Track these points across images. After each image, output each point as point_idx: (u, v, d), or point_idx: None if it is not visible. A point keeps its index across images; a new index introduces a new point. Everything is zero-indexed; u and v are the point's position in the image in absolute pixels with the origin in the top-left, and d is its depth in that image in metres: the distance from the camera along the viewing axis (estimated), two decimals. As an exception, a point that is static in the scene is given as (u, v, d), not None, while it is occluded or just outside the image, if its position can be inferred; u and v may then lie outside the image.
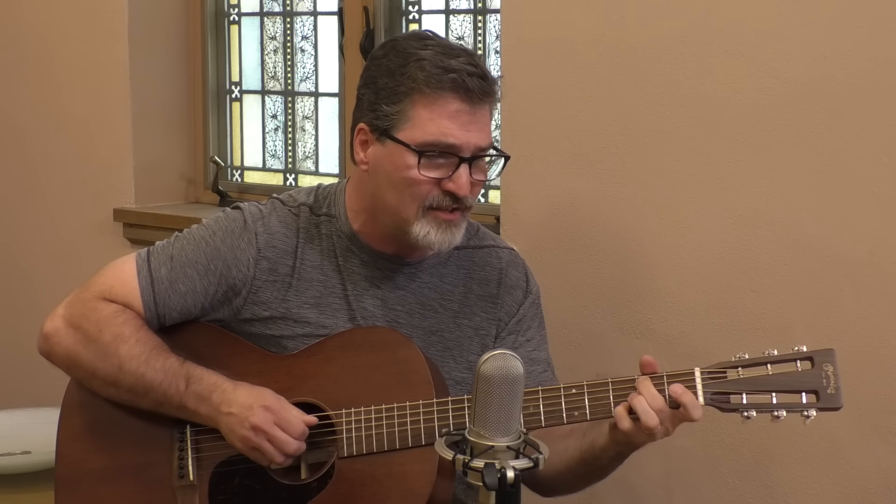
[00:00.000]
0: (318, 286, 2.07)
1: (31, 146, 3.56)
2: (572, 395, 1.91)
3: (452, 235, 2.00)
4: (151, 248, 2.10)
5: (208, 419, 1.98)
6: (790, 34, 2.27)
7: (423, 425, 1.92)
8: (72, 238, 3.48)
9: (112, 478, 2.04)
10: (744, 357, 1.88)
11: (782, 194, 2.30)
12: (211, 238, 2.07)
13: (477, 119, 1.96)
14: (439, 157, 1.95)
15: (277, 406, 1.95)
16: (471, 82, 1.93)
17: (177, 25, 3.42)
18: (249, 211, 2.09)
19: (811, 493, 2.33)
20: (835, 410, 1.86)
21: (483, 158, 1.99)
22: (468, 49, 2.03)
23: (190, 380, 1.98)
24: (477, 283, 2.13)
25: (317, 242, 2.09)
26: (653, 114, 2.43)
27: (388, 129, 1.96)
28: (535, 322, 2.15)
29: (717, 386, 1.87)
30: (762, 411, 1.85)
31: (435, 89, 1.93)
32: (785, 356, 1.87)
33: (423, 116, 1.94)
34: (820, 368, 1.85)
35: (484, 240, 2.16)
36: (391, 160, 1.97)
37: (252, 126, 3.45)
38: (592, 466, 2.01)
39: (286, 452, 1.94)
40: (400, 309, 2.08)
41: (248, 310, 2.07)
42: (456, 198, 1.96)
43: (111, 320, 2.02)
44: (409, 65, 1.95)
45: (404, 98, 1.95)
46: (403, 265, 2.09)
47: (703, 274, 2.40)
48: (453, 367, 2.09)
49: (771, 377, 1.86)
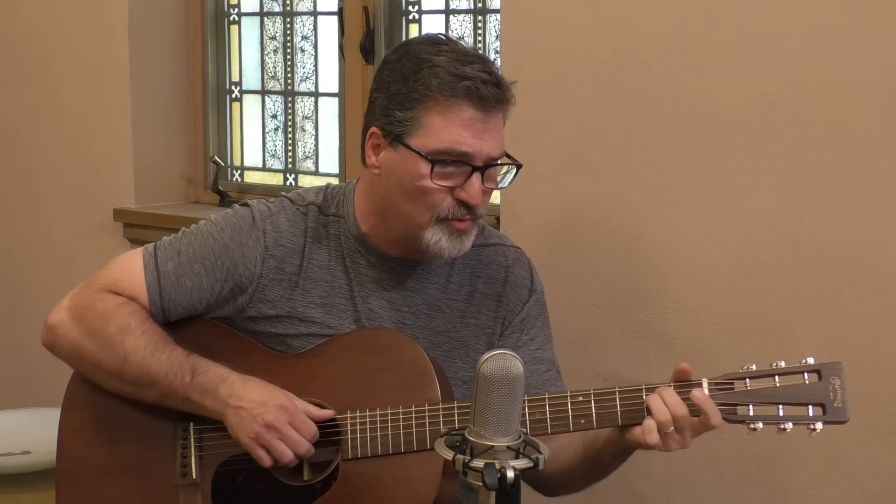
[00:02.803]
0: (325, 286, 2.07)
1: (30, 146, 3.56)
2: (579, 402, 1.90)
3: (462, 243, 2.00)
4: (158, 242, 2.09)
5: (214, 412, 1.97)
6: (790, 34, 2.27)
7: (428, 429, 1.92)
8: (72, 238, 3.48)
9: (114, 474, 2.04)
10: (751, 368, 1.88)
11: (782, 194, 2.30)
12: (219, 234, 2.07)
13: (490, 127, 1.95)
14: (451, 165, 1.94)
15: (292, 406, 1.94)
16: (485, 90, 1.92)
17: (177, 25, 3.42)
18: (258, 208, 2.09)
19: (811, 493, 2.33)
20: (841, 424, 1.86)
21: (495, 167, 1.99)
22: (482, 55, 2.02)
23: (196, 371, 1.98)
24: (483, 281, 2.13)
25: (324, 242, 2.09)
26: (653, 114, 2.43)
27: (400, 136, 1.96)
28: (539, 321, 2.15)
29: (725, 397, 1.86)
30: (769, 423, 1.85)
31: (449, 97, 1.92)
32: (792, 368, 1.86)
33: (436, 124, 1.93)
34: (827, 381, 1.85)
35: (490, 238, 2.16)
36: (404, 167, 1.96)
37: (252, 126, 3.45)
38: (595, 463, 2.01)
39: (298, 453, 1.94)
40: (406, 310, 2.08)
41: (253, 307, 2.06)
42: (468, 206, 1.96)
43: (117, 312, 2.02)
44: (422, 71, 1.94)
45: (418, 105, 1.94)
46: (411, 267, 2.09)
47: (703, 274, 2.40)
48: (461, 366, 2.08)
49: (778, 389, 1.85)
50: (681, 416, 1.84)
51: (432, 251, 1.99)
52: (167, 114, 3.41)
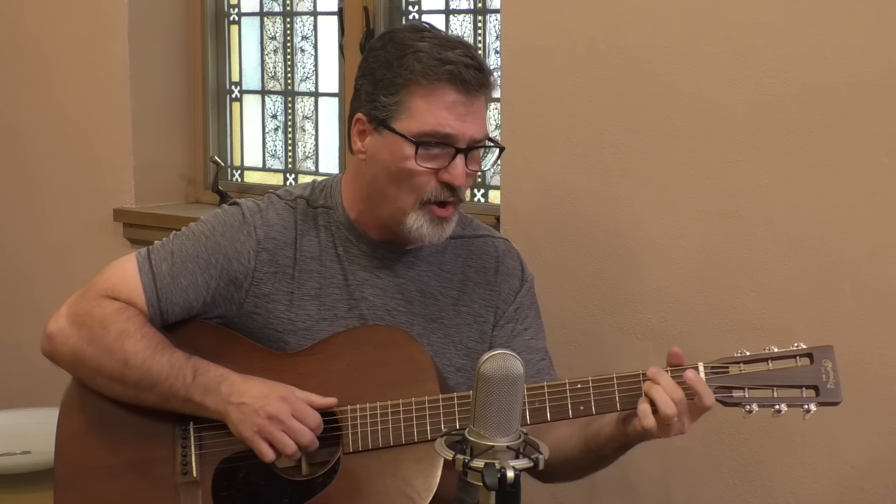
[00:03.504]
0: (318, 277, 2.08)
1: (30, 146, 3.56)
2: (577, 389, 1.92)
3: (443, 230, 2.03)
4: (151, 246, 2.11)
5: (216, 411, 1.98)
6: (790, 34, 2.27)
7: (428, 421, 1.93)
8: (72, 238, 3.48)
9: (114, 475, 2.04)
10: (745, 353, 1.91)
11: (782, 194, 2.30)
12: (210, 233, 2.09)
13: (473, 110, 1.99)
14: (435, 147, 1.97)
15: (293, 397, 1.96)
16: (467, 73, 1.96)
17: (177, 25, 3.42)
18: (247, 206, 2.11)
19: (811, 492, 2.33)
20: (834, 405, 1.89)
21: (478, 149, 2.02)
22: (464, 41, 2.06)
23: (197, 372, 1.98)
24: (475, 270, 2.15)
25: (314, 234, 2.10)
26: (653, 114, 2.43)
27: (385, 120, 1.99)
28: (531, 311, 2.17)
29: (721, 380, 1.89)
30: (763, 405, 1.88)
31: (432, 80, 1.96)
32: (785, 352, 1.90)
33: (420, 107, 1.97)
34: (819, 364, 1.88)
35: (479, 230, 2.19)
36: (388, 150, 2.00)
37: (252, 126, 3.45)
38: (596, 456, 2.02)
39: (301, 443, 1.94)
40: (400, 297, 2.10)
41: (250, 302, 2.07)
42: (451, 189, 1.99)
43: (115, 317, 2.03)
44: (406, 56, 1.98)
45: (402, 89, 1.98)
46: (402, 254, 2.10)
47: (703, 274, 2.40)
48: (453, 353, 2.10)
49: (771, 372, 1.89)
50: (678, 400, 1.86)
51: (413, 237, 2.03)
52: (167, 114, 3.41)
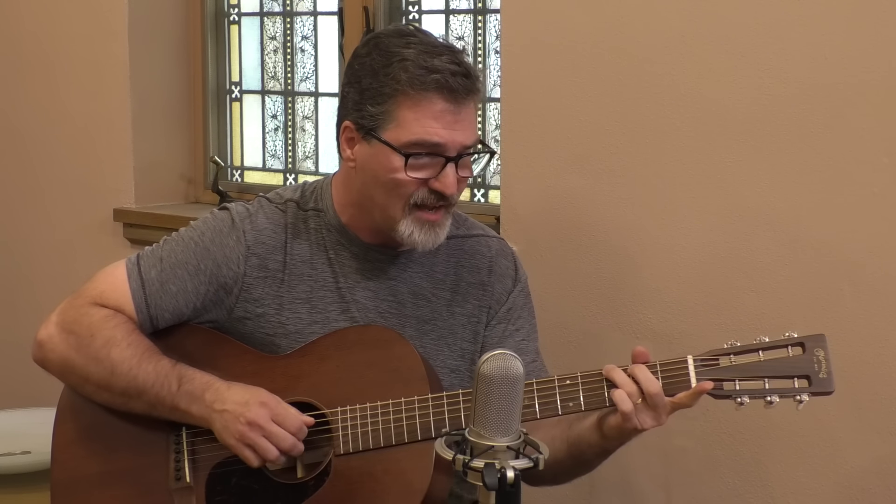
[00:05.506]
0: (309, 280, 2.08)
1: (31, 146, 3.56)
2: (566, 385, 1.92)
3: (436, 235, 2.01)
4: (141, 252, 2.11)
5: (201, 419, 1.98)
6: (790, 34, 2.27)
7: (418, 421, 1.93)
8: (72, 238, 3.48)
9: (108, 482, 2.04)
10: (735, 344, 1.89)
11: (782, 194, 2.30)
12: (199, 238, 2.08)
13: (462, 118, 1.97)
14: (425, 157, 1.96)
15: (274, 402, 1.95)
16: (454, 82, 1.94)
17: (177, 25, 3.42)
18: (236, 210, 2.11)
19: (811, 493, 2.33)
20: (827, 394, 1.86)
21: (469, 156, 2.01)
22: (451, 45, 2.03)
23: (182, 380, 1.99)
24: (467, 270, 2.14)
25: (305, 237, 2.10)
26: (653, 114, 2.43)
27: (373, 130, 1.98)
28: (524, 311, 2.16)
29: (710, 373, 1.87)
30: (755, 397, 1.86)
31: (419, 90, 1.94)
32: (776, 342, 1.88)
33: (407, 117, 1.95)
34: (811, 353, 1.86)
35: (472, 229, 2.18)
36: (377, 160, 1.98)
37: (252, 126, 3.45)
38: (578, 460, 2.02)
39: (282, 448, 1.94)
40: (392, 299, 2.09)
41: (240, 307, 2.07)
42: (442, 195, 1.98)
43: (102, 324, 2.03)
44: (392, 65, 1.96)
45: (388, 99, 1.96)
46: (394, 256, 2.10)
47: (703, 274, 2.40)
48: (447, 354, 2.10)
49: (763, 363, 1.87)
50: (654, 393, 1.86)
51: (406, 243, 2.02)
52: (167, 114, 3.41)
